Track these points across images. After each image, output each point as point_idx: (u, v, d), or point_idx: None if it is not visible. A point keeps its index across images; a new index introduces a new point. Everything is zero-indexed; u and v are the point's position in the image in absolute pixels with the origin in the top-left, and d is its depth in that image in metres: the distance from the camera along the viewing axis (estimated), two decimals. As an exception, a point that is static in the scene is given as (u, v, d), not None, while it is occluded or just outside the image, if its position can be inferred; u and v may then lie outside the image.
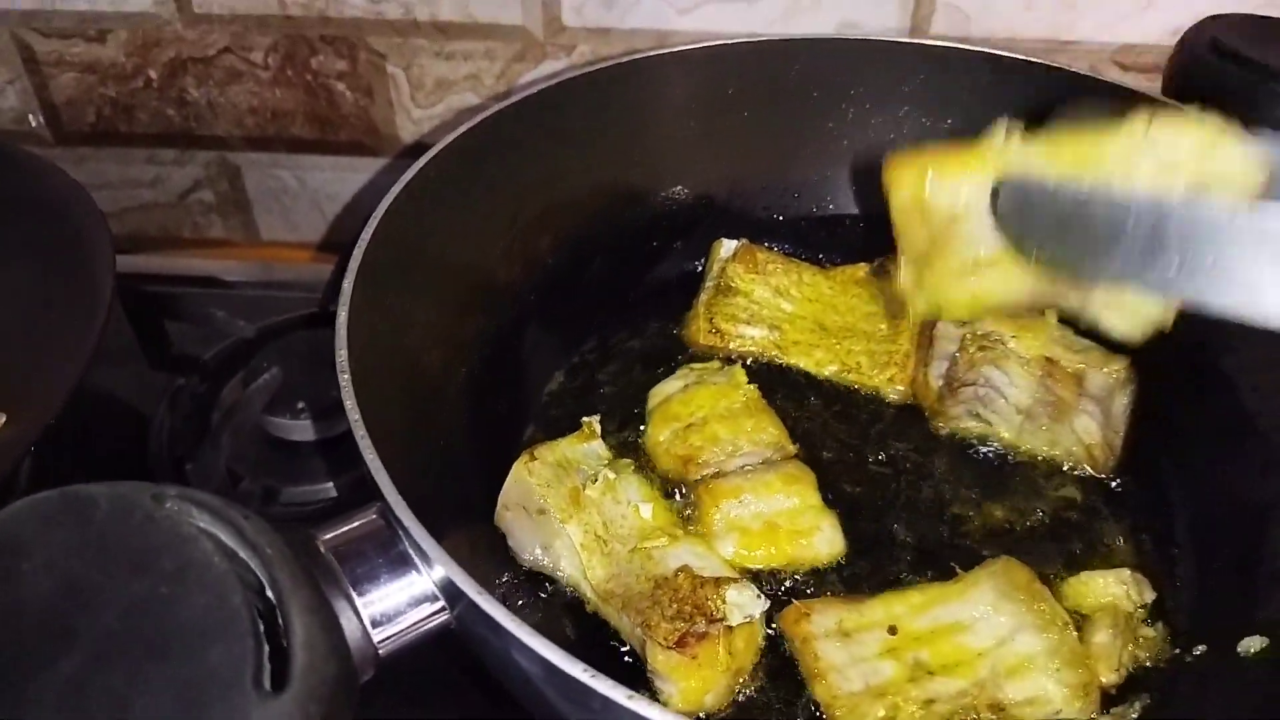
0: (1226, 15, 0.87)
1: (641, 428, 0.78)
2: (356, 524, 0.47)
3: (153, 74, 1.10)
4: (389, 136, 1.14)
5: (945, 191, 0.59)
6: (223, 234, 1.25)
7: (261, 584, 0.41)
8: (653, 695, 0.60)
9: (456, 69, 1.08)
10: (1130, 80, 1.00)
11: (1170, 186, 0.51)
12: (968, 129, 0.89)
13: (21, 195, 0.82)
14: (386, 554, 0.46)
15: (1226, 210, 0.48)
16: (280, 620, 0.40)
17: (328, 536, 0.46)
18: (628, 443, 0.77)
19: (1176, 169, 0.50)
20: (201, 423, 0.86)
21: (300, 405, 0.85)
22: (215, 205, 1.22)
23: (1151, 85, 0.94)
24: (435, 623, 0.47)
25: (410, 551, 0.46)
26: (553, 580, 0.66)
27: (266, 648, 0.39)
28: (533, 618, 0.63)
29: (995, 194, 0.57)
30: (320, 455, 0.85)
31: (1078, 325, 0.82)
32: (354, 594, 0.44)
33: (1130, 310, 0.55)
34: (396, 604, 0.45)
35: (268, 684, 0.38)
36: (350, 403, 0.51)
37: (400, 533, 0.46)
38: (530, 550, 0.66)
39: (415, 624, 0.46)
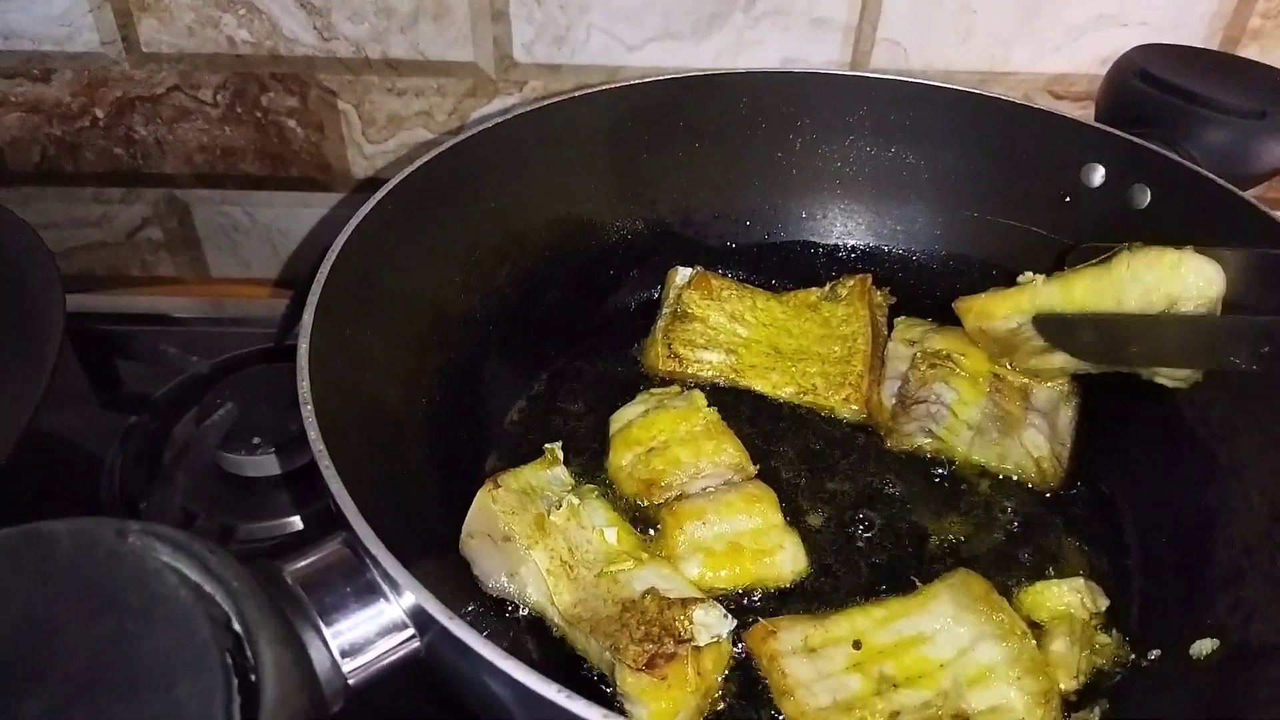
0: (1153, 45, 0.92)
1: (604, 453, 0.78)
2: (323, 554, 0.47)
3: (99, 113, 1.09)
4: (341, 172, 1.14)
5: (999, 322, 0.81)
6: (172, 271, 1.23)
7: (229, 617, 0.41)
8: (623, 718, 0.60)
9: (408, 105, 1.09)
10: (1063, 107, 1.04)
11: (1153, 304, 0.71)
12: (909, 157, 0.95)
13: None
14: (354, 583, 0.46)
15: (1193, 318, 0.69)
16: (249, 653, 0.40)
17: (294, 568, 0.45)
18: (590, 468, 0.78)
19: (1155, 290, 0.71)
20: (154, 461, 0.84)
21: (256, 440, 0.84)
22: (164, 243, 1.20)
23: (1084, 112, 0.99)
24: (405, 651, 0.46)
25: (378, 580, 0.46)
26: (517, 607, 0.66)
27: (236, 681, 0.39)
28: (499, 644, 0.63)
29: (1037, 319, 0.78)
30: (276, 491, 0.84)
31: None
32: (322, 624, 0.44)
33: (1167, 374, 0.75)
34: (365, 634, 0.45)
35: (238, 718, 0.37)
36: (314, 434, 0.51)
37: (367, 561, 0.46)
38: (495, 577, 0.66)
39: (385, 653, 0.46)
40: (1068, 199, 0.88)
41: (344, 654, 0.44)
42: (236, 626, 0.41)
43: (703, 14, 1.01)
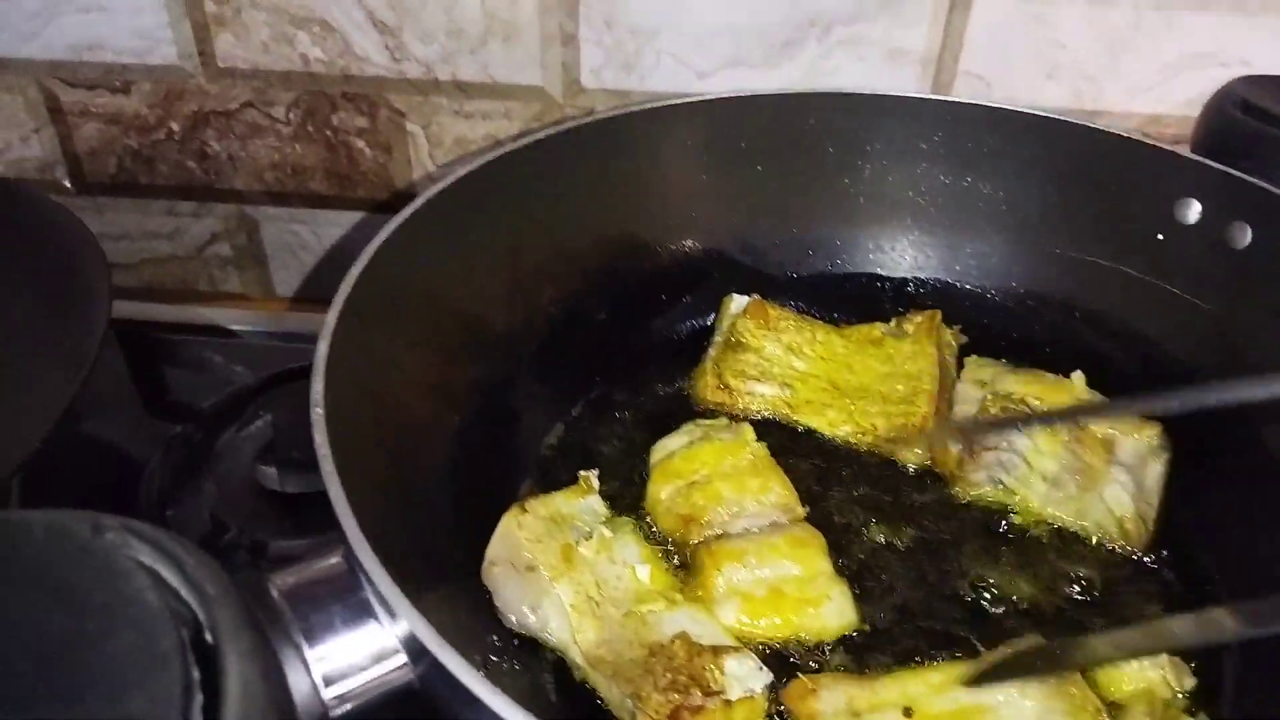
0: (1256, 76, 0.86)
1: (643, 486, 0.74)
2: (317, 568, 0.44)
3: (175, 126, 1.11)
4: (407, 194, 1.14)
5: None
6: (239, 288, 1.24)
7: (201, 626, 0.38)
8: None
9: (475, 128, 1.08)
10: (1157, 143, 0.98)
11: None
12: (985, 187, 0.90)
13: (24, 233, 0.81)
14: (345, 601, 0.42)
15: None
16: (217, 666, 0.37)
17: (282, 579, 0.42)
18: (628, 501, 0.73)
19: None
20: (194, 471, 0.83)
21: (295, 455, 0.82)
22: (232, 259, 1.22)
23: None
24: (396, 682, 0.43)
25: (372, 599, 0.43)
26: (539, 643, 0.62)
27: (200, 697, 0.35)
28: (516, 681, 0.59)
29: None
30: (314, 508, 0.82)
31: (1107, 388, 0.78)
32: (304, 644, 0.40)
33: None
34: (353, 659, 0.42)
35: (196, 735, 0.34)
36: (320, 436, 0.48)
37: (362, 578, 0.43)
38: (517, 610, 0.62)
39: (372, 682, 0.42)
40: (1160, 236, 0.81)
41: (327, 680, 0.41)
42: (209, 636, 0.37)
43: (775, 41, 0.98)
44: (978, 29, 0.95)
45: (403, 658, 0.42)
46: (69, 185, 1.15)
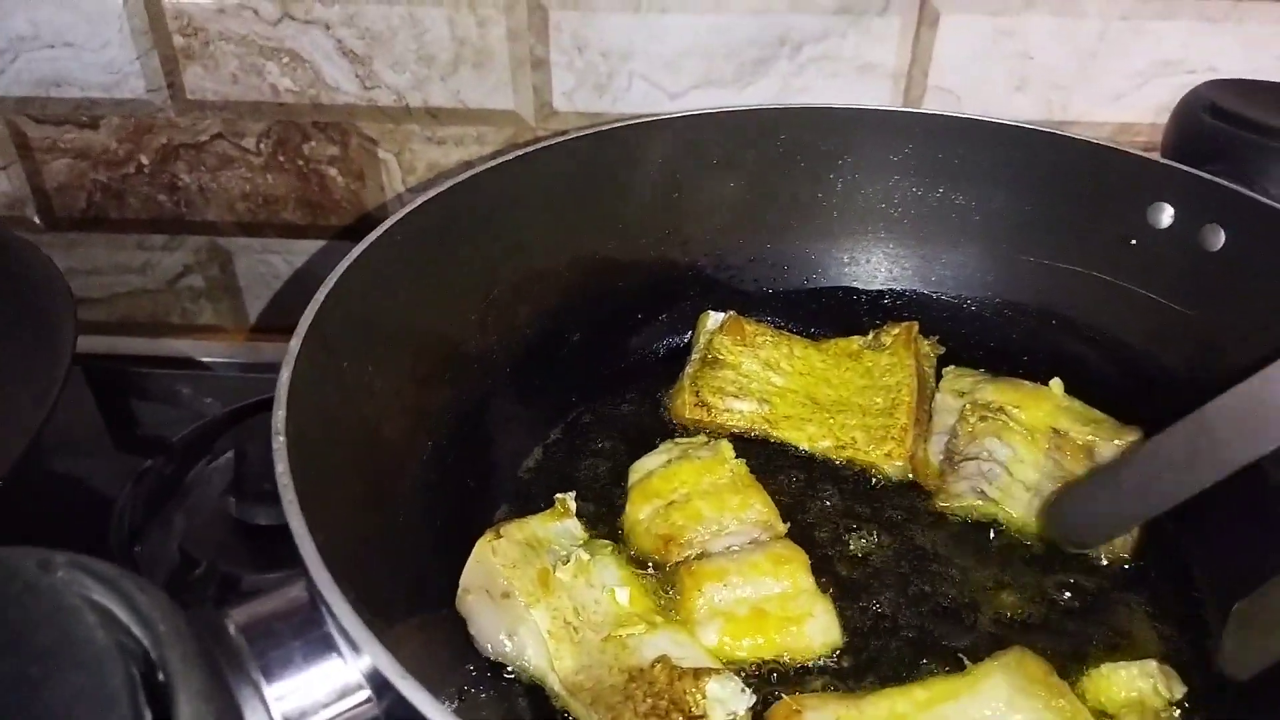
0: (1223, 80, 0.86)
1: (621, 506, 0.73)
2: (277, 602, 0.42)
3: (144, 160, 1.10)
4: (381, 221, 1.13)
5: None
6: (213, 319, 1.23)
7: (155, 664, 0.36)
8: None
9: (448, 154, 1.08)
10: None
11: None
12: (958, 197, 0.90)
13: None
14: (306, 636, 0.41)
15: None
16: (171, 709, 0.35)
17: (240, 614, 0.41)
18: (606, 522, 0.72)
19: None
20: (164, 505, 0.82)
21: (267, 487, 0.80)
22: (205, 290, 1.21)
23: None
24: (360, 719, 0.41)
25: (334, 633, 0.41)
26: (516, 671, 0.60)
27: (151, 740, 0.34)
28: (493, 713, 0.57)
29: None
30: (287, 540, 0.80)
31: (1086, 394, 0.78)
32: (263, 681, 0.39)
33: None
34: (314, 696, 0.40)
35: (145, 781, 0.33)
36: (282, 466, 0.47)
37: (324, 611, 0.41)
38: (492, 638, 0.61)
39: (336, 719, 0.40)
40: (1133, 241, 0.81)
41: (287, 719, 0.39)
42: (162, 675, 0.36)
43: (746, 60, 0.98)
44: (946, 44, 0.95)
45: (367, 693, 0.41)
46: (38, 221, 1.14)
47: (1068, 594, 0.69)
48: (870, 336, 0.86)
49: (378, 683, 0.40)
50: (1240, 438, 0.56)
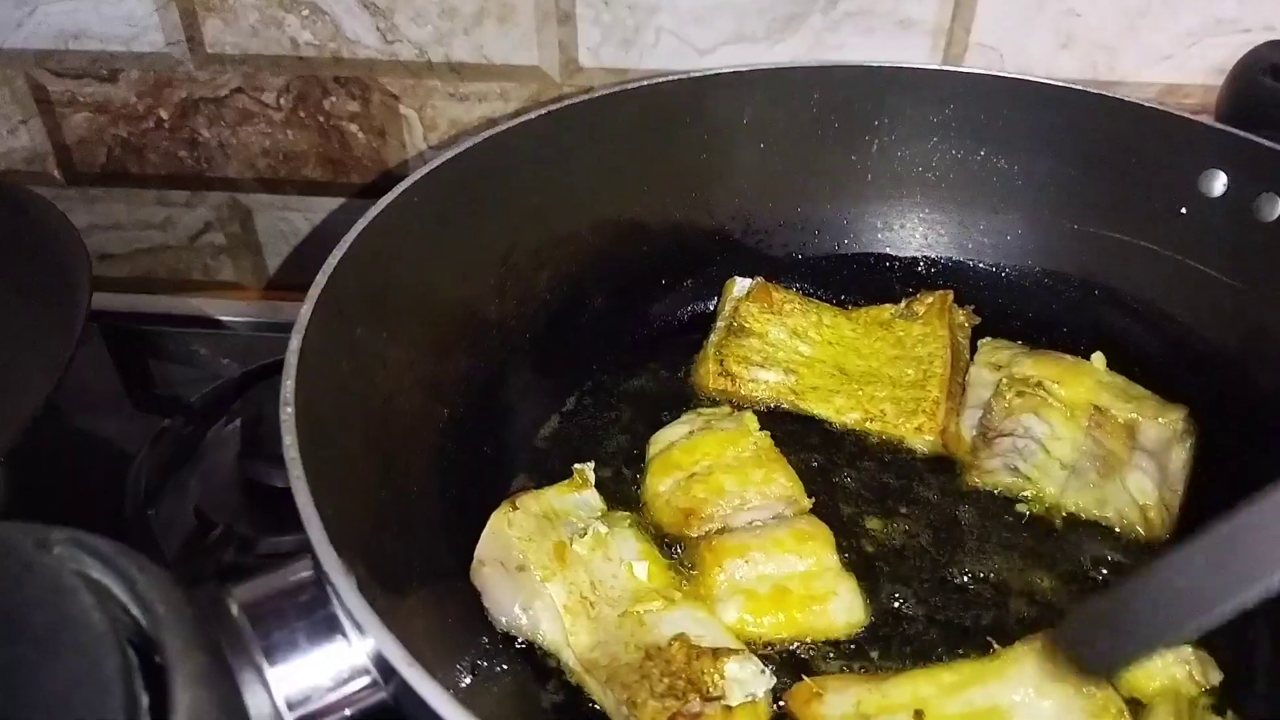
0: (1284, 40, 0.81)
1: (641, 478, 0.71)
2: (282, 581, 0.41)
3: (164, 114, 1.09)
4: (401, 179, 1.11)
5: None
6: (233, 277, 1.22)
7: (154, 645, 0.35)
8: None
9: (470, 110, 1.05)
10: (1178, 113, 0.94)
11: None
12: (1000, 161, 0.86)
13: (3, 226, 0.79)
14: (311, 617, 0.39)
15: None
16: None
17: (244, 593, 0.39)
18: (626, 495, 0.71)
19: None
20: (181, 466, 0.81)
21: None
22: (226, 248, 1.20)
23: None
24: (365, 702, 0.40)
25: (339, 614, 0.40)
26: (531, 646, 0.59)
27: (152, 726, 0.33)
28: (506, 687, 0.56)
29: None
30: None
31: (1128, 370, 0.75)
32: (265, 664, 0.38)
33: None
34: (318, 679, 0.39)
35: (141, 768, 0.32)
36: (290, 438, 0.45)
37: (330, 590, 0.40)
38: (507, 611, 0.60)
39: (340, 703, 0.39)
40: (1183, 210, 0.78)
41: (290, 702, 0.38)
42: (160, 660, 0.35)
43: (778, 15, 0.95)
44: (990, -2, 0.91)
45: (372, 677, 0.39)
46: (59, 176, 1.13)
47: (1102, 577, 0.66)
48: (903, 305, 0.83)
49: (383, 667, 0.38)
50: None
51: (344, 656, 0.39)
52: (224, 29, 1.02)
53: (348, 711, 0.40)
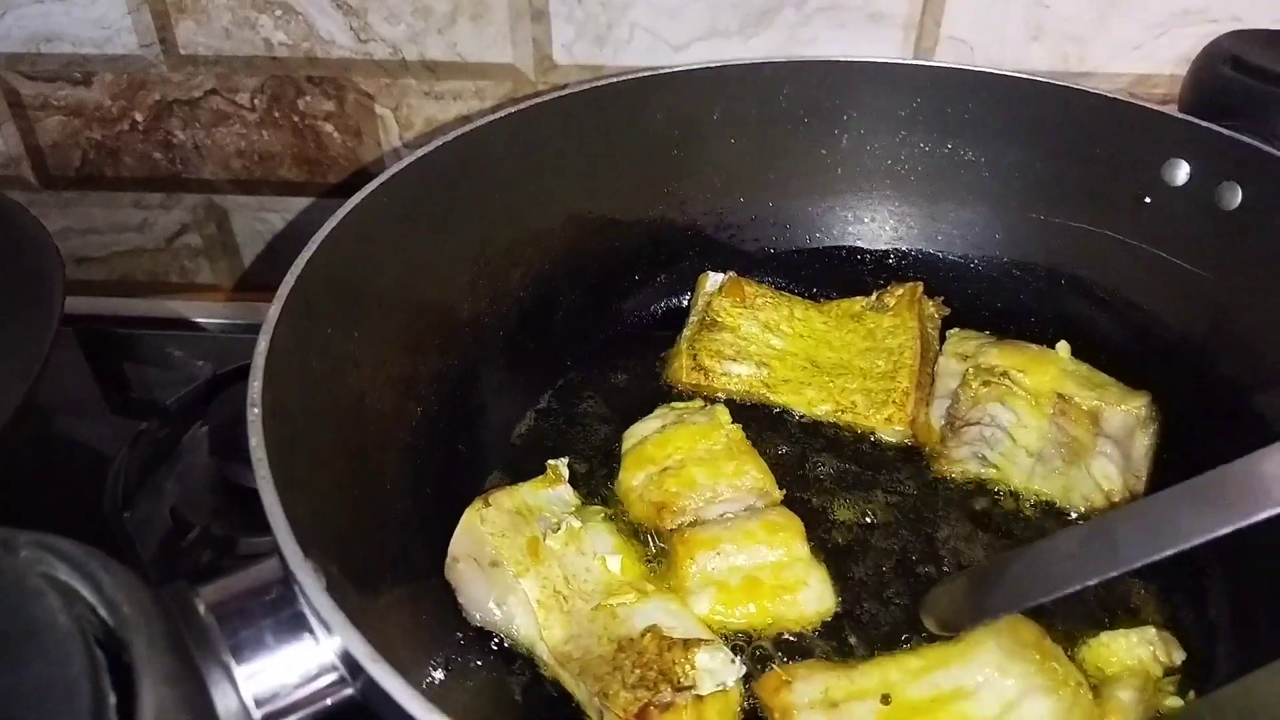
0: (1245, 31, 0.83)
1: (615, 473, 0.72)
2: (250, 579, 0.41)
3: (138, 116, 1.08)
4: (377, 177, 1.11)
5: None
6: (211, 278, 1.22)
7: (121, 646, 0.36)
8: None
9: (446, 109, 1.06)
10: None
11: None
12: (968, 153, 0.87)
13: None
14: (278, 614, 0.40)
15: None
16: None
17: (211, 592, 0.40)
18: (600, 490, 0.71)
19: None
20: (156, 469, 0.81)
21: (260, 451, 0.80)
22: (203, 249, 1.19)
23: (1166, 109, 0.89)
24: (333, 698, 0.40)
25: (306, 612, 0.40)
26: (506, 640, 0.60)
27: (118, 726, 0.33)
28: (480, 682, 0.57)
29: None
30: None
31: (1094, 358, 0.76)
32: (233, 663, 0.38)
33: None
34: (286, 677, 0.39)
35: (108, 768, 0.32)
36: (256, 439, 0.46)
37: (296, 589, 0.41)
38: (481, 607, 0.60)
39: (308, 699, 0.40)
40: (1147, 199, 0.79)
41: (258, 701, 0.38)
42: (128, 659, 0.35)
43: (751, 10, 0.95)
44: (960, -9, 0.91)
45: (340, 674, 0.40)
46: (33, 180, 1.13)
47: (1069, 562, 0.67)
48: (874, 297, 0.84)
49: (350, 664, 0.39)
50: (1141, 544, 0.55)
51: (312, 654, 0.40)
52: (197, 30, 1.02)
53: (316, 708, 0.40)
